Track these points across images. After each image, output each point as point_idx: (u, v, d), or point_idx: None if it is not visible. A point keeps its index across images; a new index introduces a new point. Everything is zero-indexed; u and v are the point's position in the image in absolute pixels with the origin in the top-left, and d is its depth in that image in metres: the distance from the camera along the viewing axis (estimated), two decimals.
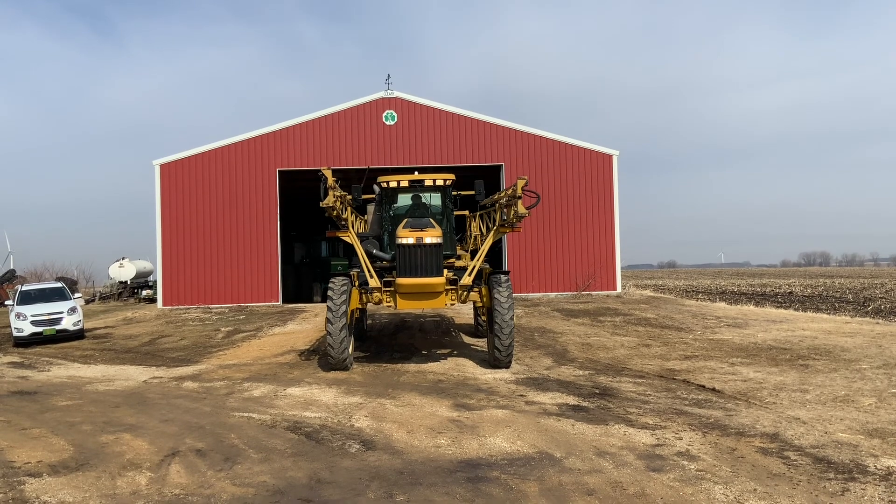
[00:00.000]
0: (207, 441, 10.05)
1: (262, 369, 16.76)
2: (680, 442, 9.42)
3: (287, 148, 34.47)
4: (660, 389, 13.04)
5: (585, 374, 14.84)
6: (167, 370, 17.37)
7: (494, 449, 9.34)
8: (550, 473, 8.22)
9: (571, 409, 11.56)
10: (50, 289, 26.73)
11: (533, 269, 34.50)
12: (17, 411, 12.63)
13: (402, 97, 34.75)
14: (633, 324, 23.16)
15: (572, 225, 34.65)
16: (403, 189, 17.00)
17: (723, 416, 10.82)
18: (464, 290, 16.17)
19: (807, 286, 56.14)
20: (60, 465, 9.03)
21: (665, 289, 52.03)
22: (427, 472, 8.42)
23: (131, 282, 47.64)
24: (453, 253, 17.43)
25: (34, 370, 18.35)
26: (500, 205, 16.49)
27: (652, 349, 17.86)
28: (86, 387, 15.31)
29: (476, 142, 34.71)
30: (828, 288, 52.47)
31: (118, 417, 11.83)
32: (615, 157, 35.03)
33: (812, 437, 9.50)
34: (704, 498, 7.31)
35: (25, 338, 23.55)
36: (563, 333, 21.11)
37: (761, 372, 14.38)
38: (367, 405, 12.26)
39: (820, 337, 19.03)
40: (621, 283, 35.93)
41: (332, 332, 15.25)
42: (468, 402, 12.29)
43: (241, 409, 12.25)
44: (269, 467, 8.74)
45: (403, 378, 14.95)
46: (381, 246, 17.22)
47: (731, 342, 18.61)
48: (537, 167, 34.33)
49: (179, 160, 34.39)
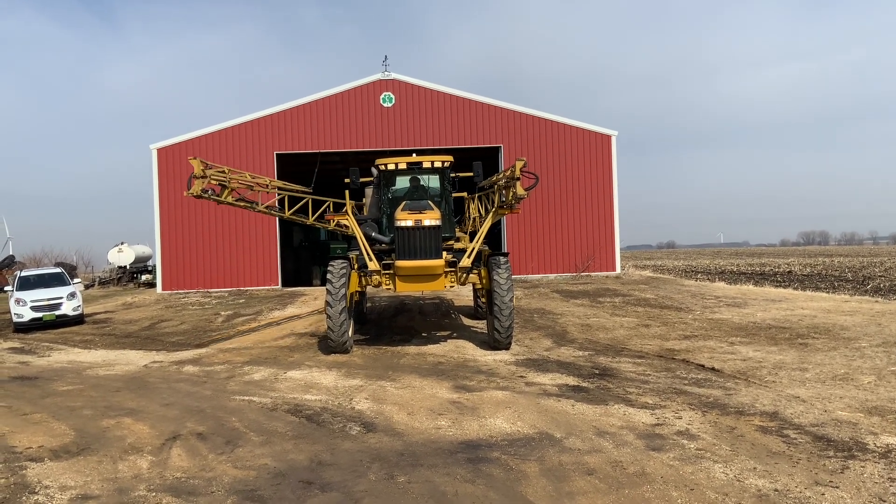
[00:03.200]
0: (208, 424, 10.06)
1: (263, 353, 16.78)
2: (679, 421, 9.44)
3: (284, 131, 34.32)
4: (659, 369, 13.07)
5: (585, 355, 14.86)
6: (167, 354, 17.39)
7: (495, 430, 9.36)
8: (551, 454, 8.25)
9: (571, 390, 11.58)
10: (49, 274, 26.69)
11: (532, 250, 34.48)
12: (18, 396, 12.64)
13: (399, 79, 34.56)
14: (632, 304, 23.18)
15: (571, 206, 34.59)
16: (402, 171, 16.94)
17: (722, 395, 10.84)
18: (463, 272, 16.16)
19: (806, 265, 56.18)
20: (62, 450, 9.05)
21: (664, 269, 52.07)
22: (428, 453, 8.44)
23: (130, 266, 47.62)
24: (452, 235, 17.41)
25: (34, 355, 18.37)
26: (499, 186, 16.44)
27: (651, 329, 17.88)
28: (86, 371, 15.33)
29: (474, 123, 34.57)
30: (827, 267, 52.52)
31: (119, 402, 11.84)
32: (614, 138, 34.90)
33: (811, 415, 9.53)
34: (704, 477, 7.33)
35: (25, 323, 23.55)
36: (562, 314, 21.13)
37: (760, 351, 14.41)
38: (367, 388, 12.28)
39: (819, 316, 19.05)
40: (620, 264, 35.94)
41: (332, 315, 15.25)
42: (468, 384, 12.31)
43: (241, 392, 12.27)
44: (271, 450, 8.76)
45: (403, 360, 14.97)
46: (379, 229, 17.18)
47: (730, 322, 18.63)
48: (536, 148, 34.23)
49: (177, 144, 34.24)
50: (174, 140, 34.31)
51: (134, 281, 46.22)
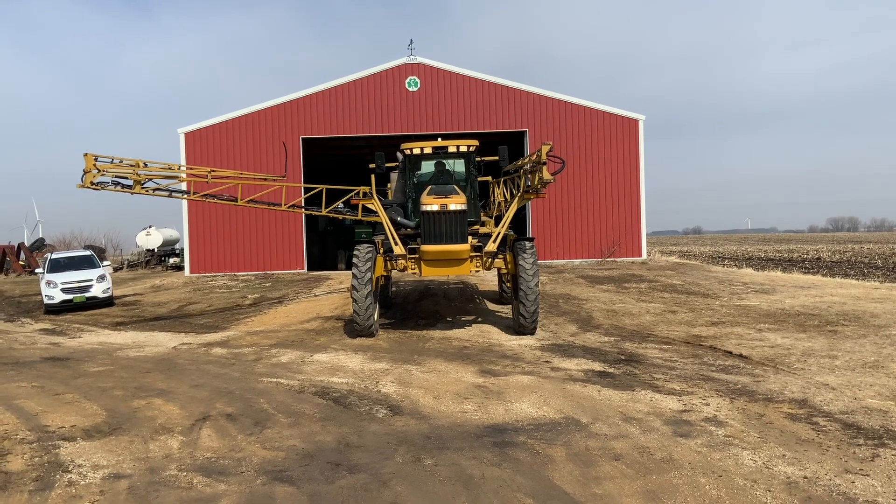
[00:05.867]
0: (237, 406, 10.18)
1: (289, 336, 16.91)
2: (707, 408, 9.39)
3: (310, 115, 34.39)
4: (686, 356, 12.99)
5: (611, 341, 14.81)
6: (196, 336, 17.59)
7: (520, 414, 9.37)
8: (577, 438, 8.24)
9: (597, 375, 11.56)
10: (79, 257, 27.08)
11: (557, 235, 34.35)
12: (50, 377, 12.86)
13: (425, 63, 34.45)
14: (658, 290, 23.03)
15: (597, 191, 34.37)
16: (427, 156, 16.91)
17: (750, 381, 10.76)
18: (488, 256, 16.15)
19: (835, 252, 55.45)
20: (94, 430, 9.19)
21: (691, 255, 51.66)
22: (454, 436, 8.48)
23: (158, 250, 48.14)
24: (477, 219, 17.37)
25: (65, 337, 18.66)
26: (525, 171, 16.36)
27: (678, 315, 17.76)
28: (116, 353, 15.55)
29: (500, 107, 34.40)
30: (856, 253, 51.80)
31: (149, 383, 12.01)
32: (641, 122, 34.56)
33: (841, 402, 9.43)
34: (733, 463, 7.30)
35: (56, 305, 23.93)
36: (587, 300, 21.05)
37: (789, 338, 14.27)
38: (393, 371, 12.34)
39: (848, 303, 18.81)
40: (646, 250, 35.70)
41: (358, 299, 15.32)
42: (493, 369, 12.33)
43: (269, 374, 12.39)
44: (299, 431, 8.85)
45: (429, 344, 15.02)
46: (404, 213, 17.20)
47: (758, 308, 18.45)
48: (562, 133, 34.00)
49: (204, 128, 34.46)
50: (201, 124, 34.52)
51: (162, 264, 46.73)
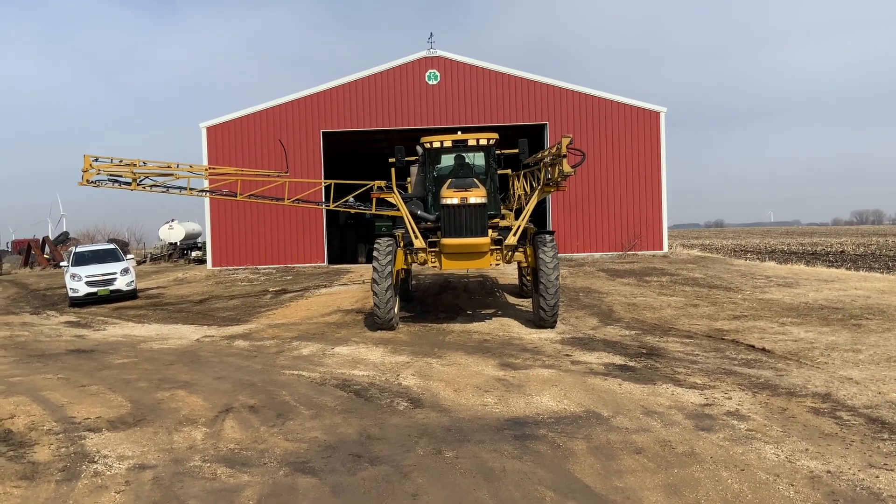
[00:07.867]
0: (260, 398, 10.27)
1: (310, 328, 17.01)
2: (729, 402, 9.34)
3: (330, 109, 34.50)
4: (708, 349, 12.92)
5: (632, 334, 14.76)
6: (218, 329, 17.74)
7: (541, 407, 9.38)
8: (598, 432, 8.24)
9: (618, 369, 11.53)
10: (103, 250, 27.40)
11: (578, 228, 34.24)
12: (76, 369, 13.02)
13: (444, 56, 34.41)
14: (679, 283, 22.90)
15: (618, 184, 34.20)
16: (447, 149, 16.92)
17: (773, 376, 10.69)
18: (508, 250, 16.14)
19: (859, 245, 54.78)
20: (119, 421, 9.31)
21: (713, 248, 51.26)
22: (475, 429, 8.50)
23: (181, 243, 48.64)
24: (497, 213, 17.36)
25: (90, 329, 18.90)
26: (545, 163, 16.31)
27: (700, 309, 17.66)
28: (140, 345, 15.73)
29: (520, 100, 34.30)
30: (881, 247, 51.14)
31: (173, 375, 12.14)
32: (662, 115, 34.32)
33: (865, 397, 9.34)
34: (755, 457, 7.26)
35: (80, 298, 24.23)
36: (608, 293, 20.98)
37: (812, 332, 14.14)
38: (413, 364, 12.38)
39: (873, 296, 18.60)
40: (668, 243, 35.49)
41: (378, 293, 15.37)
42: (514, 362, 12.34)
43: (291, 367, 12.47)
44: (321, 423, 8.91)
45: (449, 338, 15.05)
46: (424, 207, 17.22)
47: (781, 302, 18.30)
48: (582, 125, 33.85)
49: (225, 123, 34.69)
50: (223, 118, 34.75)
51: (184, 257, 47.18)
